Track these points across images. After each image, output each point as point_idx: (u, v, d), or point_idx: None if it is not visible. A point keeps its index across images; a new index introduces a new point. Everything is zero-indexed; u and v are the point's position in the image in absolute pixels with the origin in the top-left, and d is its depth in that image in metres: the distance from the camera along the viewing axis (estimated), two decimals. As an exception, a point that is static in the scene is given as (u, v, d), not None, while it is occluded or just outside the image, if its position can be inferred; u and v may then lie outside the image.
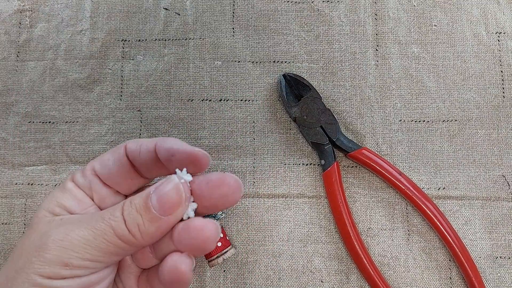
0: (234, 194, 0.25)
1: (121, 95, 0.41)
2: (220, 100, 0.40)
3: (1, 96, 0.41)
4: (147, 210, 0.24)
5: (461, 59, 0.40)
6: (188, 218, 0.25)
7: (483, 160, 0.38)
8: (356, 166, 0.39)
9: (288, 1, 0.41)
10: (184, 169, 0.25)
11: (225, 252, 0.36)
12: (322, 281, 0.37)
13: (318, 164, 0.39)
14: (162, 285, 0.26)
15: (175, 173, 0.25)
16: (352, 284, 0.37)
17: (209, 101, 0.40)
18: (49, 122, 0.41)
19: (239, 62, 0.41)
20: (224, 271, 0.38)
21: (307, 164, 0.39)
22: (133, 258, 0.28)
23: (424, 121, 0.39)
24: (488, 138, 0.39)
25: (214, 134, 0.40)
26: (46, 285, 0.23)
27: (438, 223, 0.36)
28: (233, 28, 0.41)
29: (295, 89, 0.39)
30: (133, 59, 0.41)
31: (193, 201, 0.25)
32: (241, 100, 0.40)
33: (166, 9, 0.42)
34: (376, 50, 0.40)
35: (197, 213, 0.26)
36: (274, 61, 0.40)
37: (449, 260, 0.37)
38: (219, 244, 0.36)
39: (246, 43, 0.41)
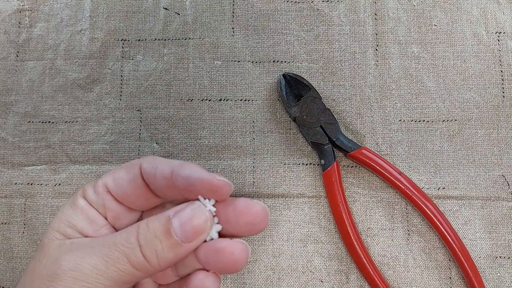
0: (261, 223, 0.24)
1: (120, 95, 0.41)
2: (219, 100, 0.40)
3: (1, 96, 0.41)
4: (167, 235, 0.23)
5: (461, 59, 0.40)
6: (212, 239, 0.24)
7: (483, 160, 0.38)
8: (356, 166, 0.39)
9: (287, 1, 0.41)
10: (207, 200, 0.24)
11: (225, 252, 0.36)
12: (322, 281, 0.37)
13: (318, 164, 0.39)
14: None
15: (196, 199, 0.24)
16: (352, 284, 0.37)
17: (209, 101, 0.40)
18: (49, 122, 0.41)
19: (238, 62, 0.41)
20: (224, 271, 0.38)
21: (307, 164, 0.39)
22: None
23: (424, 121, 0.39)
24: (488, 138, 0.39)
25: (214, 134, 0.40)
26: None
27: (438, 223, 0.36)
28: (232, 28, 0.41)
29: (295, 89, 0.39)
30: (132, 59, 0.41)
31: (218, 223, 0.24)
32: (241, 100, 0.40)
33: (166, 8, 0.42)
34: (376, 50, 0.40)
35: (220, 236, 0.25)
36: (274, 61, 0.40)
37: (449, 260, 0.37)
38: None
39: (246, 43, 0.41)
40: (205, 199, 0.24)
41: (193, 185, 0.23)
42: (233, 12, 0.41)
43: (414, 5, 0.41)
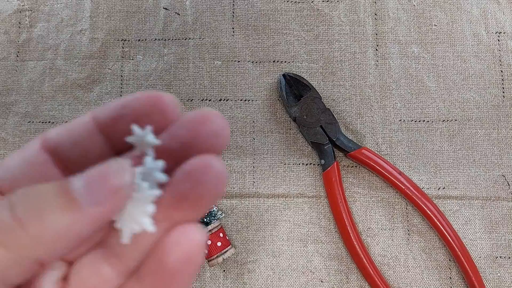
0: (224, 129, 0.17)
1: (120, 95, 0.41)
2: (220, 100, 0.40)
3: (1, 96, 0.41)
4: (61, 192, 0.15)
5: (461, 59, 0.40)
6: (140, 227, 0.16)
7: (483, 160, 0.38)
8: (356, 166, 0.39)
9: (287, 1, 0.41)
10: (148, 128, 0.17)
11: (225, 252, 0.36)
12: (322, 281, 0.37)
13: (318, 164, 0.39)
14: (155, 275, 0.17)
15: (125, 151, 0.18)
16: (352, 284, 0.37)
17: (209, 101, 0.40)
18: (49, 122, 0.41)
19: (239, 62, 0.41)
20: (224, 271, 0.38)
21: (307, 164, 0.39)
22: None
23: (424, 121, 0.39)
24: (488, 138, 0.39)
25: (214, 134, 0.40)
26: None
27: (438, 223, 0.36)
28: (233, 28, 0.41)
29: (295, 89, 0.39)
30: (132, 59, 0.41)
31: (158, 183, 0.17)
32: (241, 100, 0.40)
33: (166, 9, 0.42)
34: (376, 50, 0.40)
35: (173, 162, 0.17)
36: (274, 61, 0.40)
37: (449, 260, 0.37)
38: (219, 244, 0.36)
39: (246, 43, 0.41)
40: (142, 129, 0.17)
41: (125, 108, 0.17)
42: (233, 12, 0.41)
43: (414, 5, 0.41)
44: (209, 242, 0.36)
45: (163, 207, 0.17)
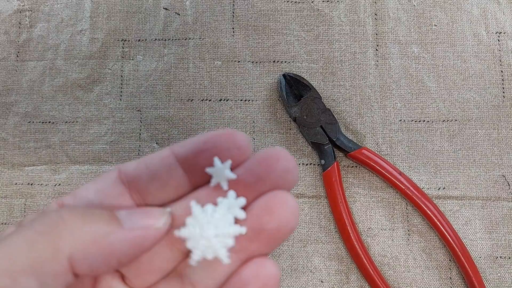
0: (294, 169, 0.18)
1: (121, 95, 0.41)
2: (220, 100, 0.40)
3: (1, 96, 0.41)
4: (107, 211, 0.18)
5: (461, 59, 0.40)
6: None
7: (483, 160, 0.38)
8: (356, 166, 0.39)
9: (288, 1, 0.41)
10: (228, 162, 0.18)
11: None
12: (322, 281, 0.37)
13: (318, 164, 0.39)
14: None
15: (210, 164, 0.19)
16: (352, 284, 0.37)
17: (209, 101, 0.40)
18: (49, 122, 0.41)
19: (239, 62, 0.41)
20: (224, 271, 0.38)
21: (307, 164, 0.39)
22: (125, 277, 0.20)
23: (424, 121, 0.39)
24: (488, 138, 0.39)
25: (214, 134, 0.40)
26: None
27: (438, 223, 0.36)
28: (233, 28, 0.41)
29: (295, 89, 0.39)
30: (133, 59, 0.41)
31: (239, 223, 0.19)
32: (241, 100, 0.40)
33: (166, 9, 0.42)
34: (376, 50, 0.40)
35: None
36: (274, 61, 0.40)
37: (449, 260, 0.37)
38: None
39: (246, 43, 0.41)
40: (222, 162, 0.19)
41: (205, 143, 0.19)
42: (233, 12, 0.41)
43: (414, 5, 0.41)
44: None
45: (241, 239, 0.18)
